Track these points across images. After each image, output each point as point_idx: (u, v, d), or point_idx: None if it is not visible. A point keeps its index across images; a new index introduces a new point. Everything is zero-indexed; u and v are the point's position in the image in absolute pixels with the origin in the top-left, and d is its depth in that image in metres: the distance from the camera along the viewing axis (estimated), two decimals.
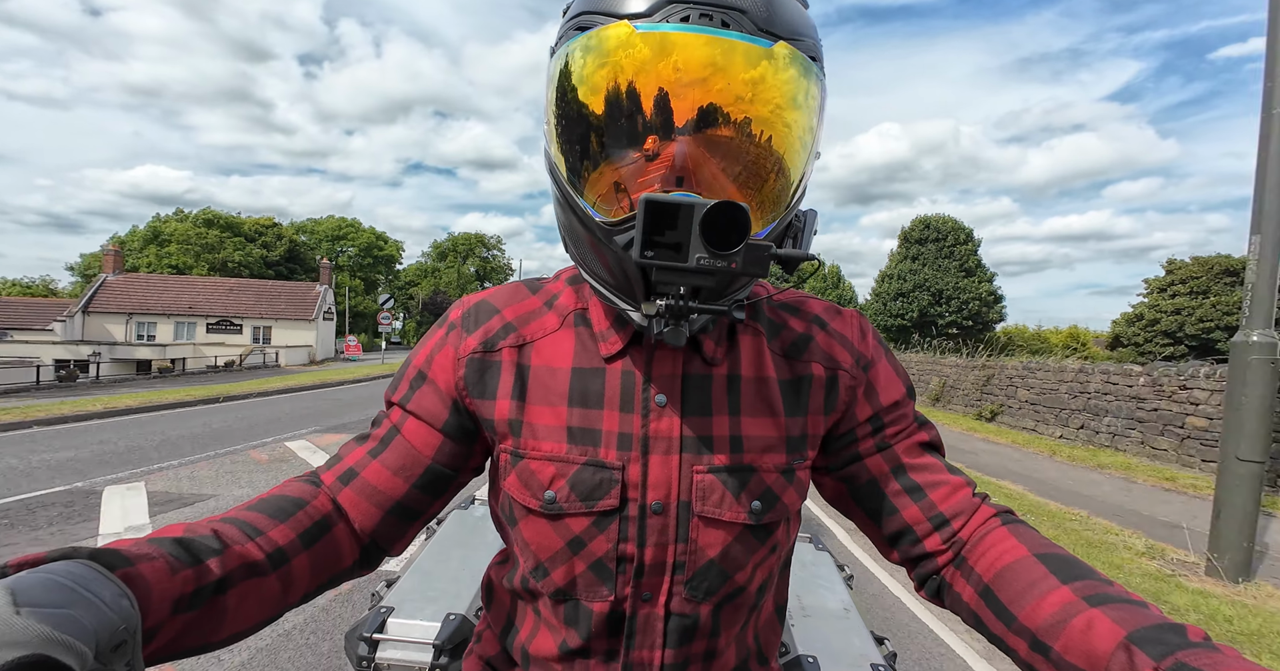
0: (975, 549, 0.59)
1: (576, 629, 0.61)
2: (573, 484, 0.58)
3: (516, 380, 0.60)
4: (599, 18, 0.50)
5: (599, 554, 0.58)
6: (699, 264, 0.44)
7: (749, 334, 0.63)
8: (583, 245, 0.56)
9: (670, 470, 0.58)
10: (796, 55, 0.49)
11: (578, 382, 0.60)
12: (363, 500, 0.60)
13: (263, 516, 0.55)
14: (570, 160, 0.53)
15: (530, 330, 0.62)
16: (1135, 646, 0.43)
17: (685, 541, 0.58)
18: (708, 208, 0.43)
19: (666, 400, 0.59)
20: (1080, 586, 0.50)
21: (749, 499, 0.59)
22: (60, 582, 0.34)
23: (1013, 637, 0.53)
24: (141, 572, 0.41)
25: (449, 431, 0.62)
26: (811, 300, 0.68)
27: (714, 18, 0.47)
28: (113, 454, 6.82)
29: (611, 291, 0.56)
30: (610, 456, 0.58)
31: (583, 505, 0.58)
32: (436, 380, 0.62)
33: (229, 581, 0.48)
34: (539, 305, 0.64)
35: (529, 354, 0.61)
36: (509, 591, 0.67)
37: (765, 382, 0.61)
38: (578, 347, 0.61)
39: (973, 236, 30.20)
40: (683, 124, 0.48)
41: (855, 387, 0.63)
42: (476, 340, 0.62)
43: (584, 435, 0.58)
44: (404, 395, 0.63)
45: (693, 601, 0.60)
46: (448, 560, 1.33)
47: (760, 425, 0.60)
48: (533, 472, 0.59)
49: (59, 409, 9.79)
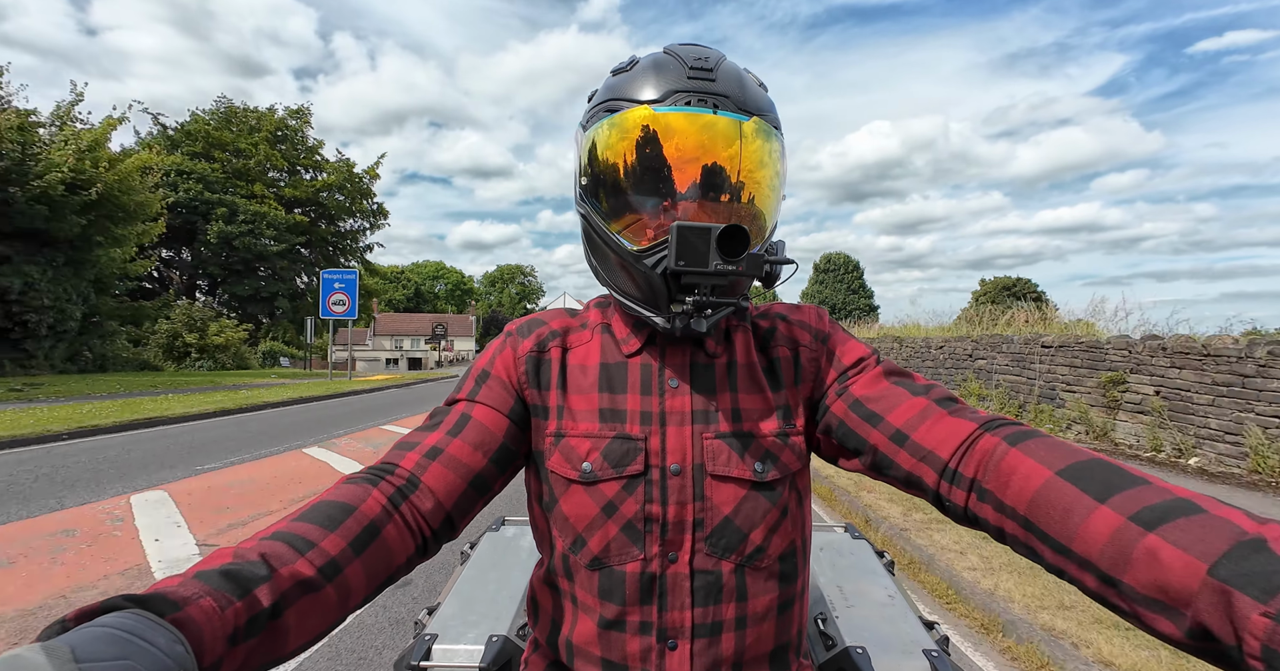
0: (995, 478, 0.57)
1: (611, 599, 0.68)
2: (605, 454, 0.70)
3: (560, 374, 0.75)
4: (624, 103, 0.67)
5: (629, 515, 0.68)
6: (717, 268, 0.60)
7: (740, 332, 0.77)
8: (614, 270, 0.71)
9: (684, 438, 0.70)
10: (764, 126, 0.67)
11: (605, 375, 0.74)
12: (449, 472, 0.68)
13: (314, 526, 0.56)
14: (607, 207, 0.69)
15: (571, 340, 0.78)
16: (1229, 586, 0.40)
17: (702, 499, 0.69)
18: (721, 229, 0.60)
19: (679, 383, 0.72)
20: (1120, 501, 0.48)
21: (752, 459, 0.70)
22: (115, 635, 0.36)
23: (1075, 569, 0.50)
24: (191, 616, 0.43)
25: (514, 417, 0.73)
26: (776, 304, 0.83)
27: (707, 102, 0.65)
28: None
29: (638, 304, 0.70)
30: (634, 430, 0.70)
31: (613, 471, 0.69)
32: (501, 376, 0.75)
33: (283, 603, 0.50)
34: (577, 324, 0.80)
35: (569, 356, 0.76)
36: (550, 586, 0.75)
37: (754, 367, 0.75)
38: (604, 349, 0.76)
39: (859, 266, 49.52)
40: (693, 174, 0.65)
41: (818, 358, 0.76)
42: (532, 342, 0.76)
43: (612, 415, 0.71)
44: (471, 390, 0.74)
45: (713, 557, 0.68)
46: (485, 582, 1.33)
47: (754, 400, 0.73)
48: (572, 448, 0.71)
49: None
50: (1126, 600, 0.47)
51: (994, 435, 0.60)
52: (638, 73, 0.68)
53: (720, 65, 0.67)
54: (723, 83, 0.66)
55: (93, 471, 6.13)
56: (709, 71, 0.66)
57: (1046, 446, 0.56)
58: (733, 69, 0.69)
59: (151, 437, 8.29)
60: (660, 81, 0.66)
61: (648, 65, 0.68)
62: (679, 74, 0.66)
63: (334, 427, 9.68)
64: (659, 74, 0.67)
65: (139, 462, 6.60)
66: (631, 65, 0.70)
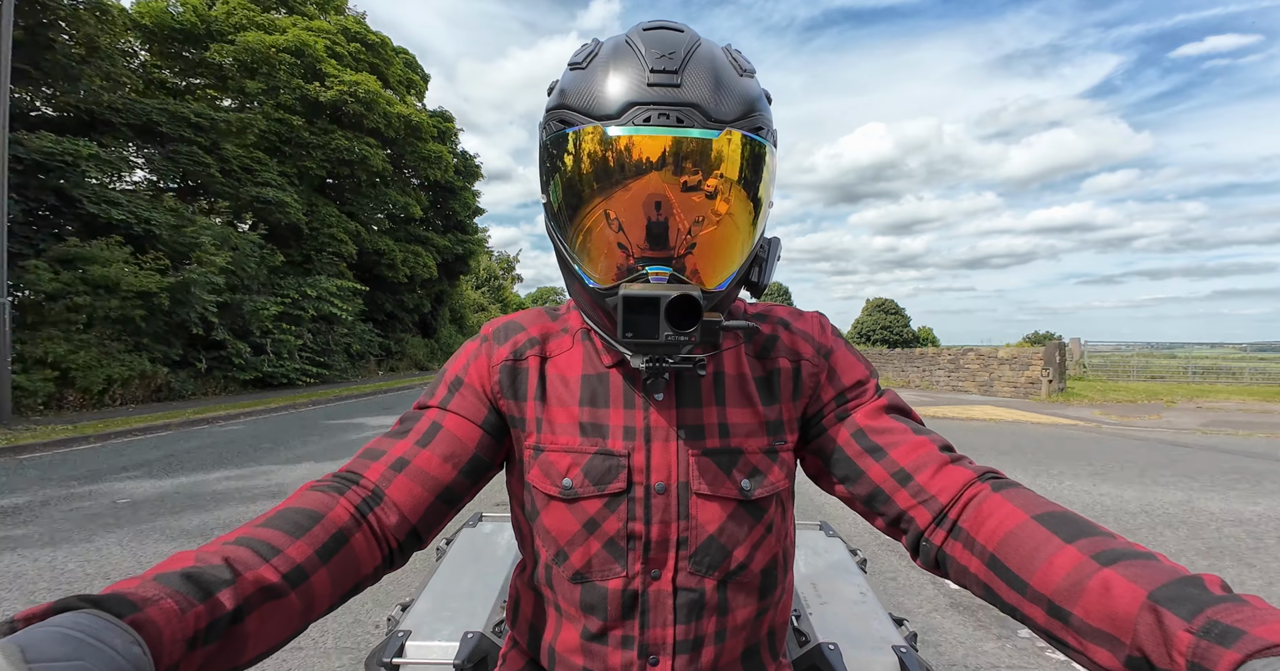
0: (973, 518, 0.59)
1: (595, 613, 0.67)
2: (586, 471, 0.67)
3: (539, 385, 0.70)
4: (577, 116, 0.59)
5: (611, 533, 0.66)
6: (666, 339, 0.56)
7: (729, 340, 0.73)
8: (582, 300, 0.66)
9: (670, 455, 0.67)
10: (738, 138, 0.58)
11: (586, 386, 0.70)
12: (416, 485, 0.65)
13: (279, 533, 0.55)
14: (565, 234, 0.63)
15: (550, 347, 0.73)
16: (1161, 606, 0.43)
17: (686, 518, 0.67)
18: (669, 299, 0.55)
19: (663, 396, 0.68)
20: (1086, 544, 0.51)
21: (739, 476, 0.68)
22: (68, 634, 0.34)
23: (1028, 605, 0.53)
24: (150, 617, 0.41)
25: (487, 427, 0.70)
26: (777, 308, 0.78)
27: (670, 116, 0.56)
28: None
29: (610, 338, 0.66)
30: (617, 446, 0.67)
31: (595, 489, 0.66)
32: (474, 384, 0.71)
33: (245, 609, 0.48)
34: (557, 329, 0.74)
35: (548, 366, 0.72)
36: (533, 591, 0.73)
37: (744, 379, 0.71)
38: (585, 359, 0.71)
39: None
40: (652, 206, 0.58)
41: (818, 374, 0.72)
42: (507, 350, 0.72)
43: (594, 429, 0.68)
44: (443, 398, 0.71)
45: (696, 575, 0.67)
46: (461, 579, 1.32)
47: (742, 414, 0.69)
48: (551, 463, 0.68)
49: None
50: (1073, 632, 0.49)
51: (983, 483, 0.62)
52: (594, 71, 0.60)
53: (689, 60, 0.58)
54: (690, 87, 0.57)
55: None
56: (673, 74, 0.57)
57: (1027, 496, 0.59)
58: (705, 62, 0.59)
59: None
60: (617, 87, 0.57)
61: (605, 61, 0.59)
62: (638, 77, 0.57)
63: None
64: (616, 75, 0.58)
65: None
66: (588, 60, 0.61)
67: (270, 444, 7.55)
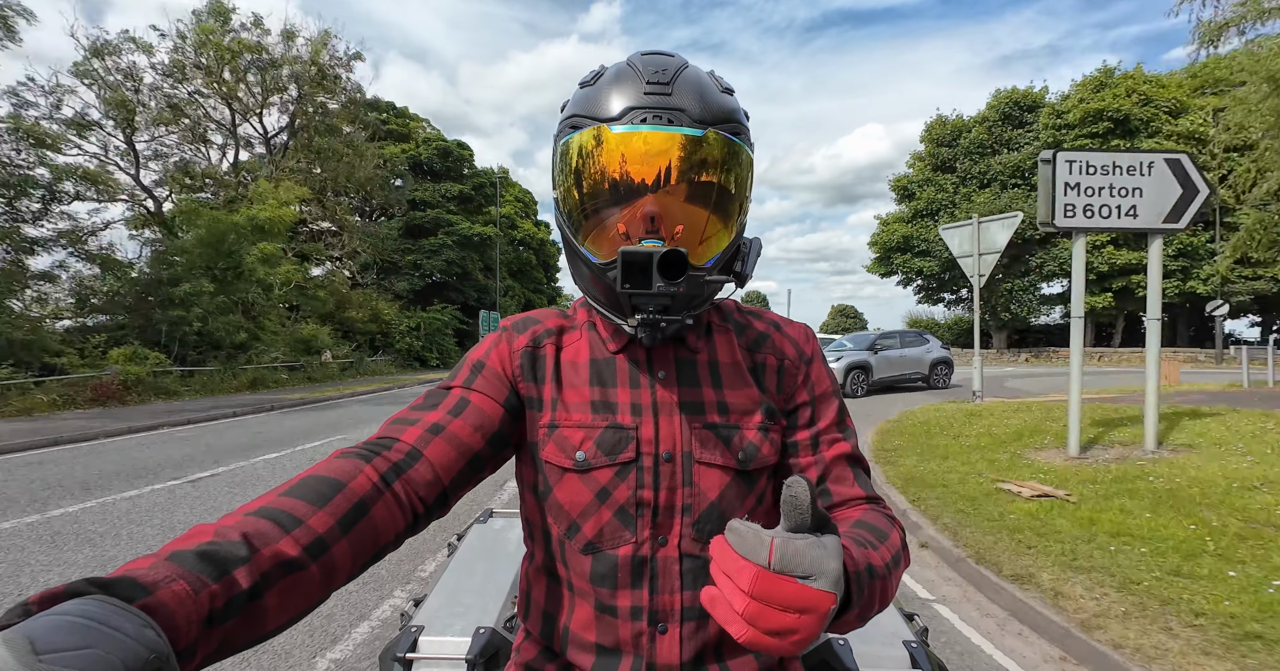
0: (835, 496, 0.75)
1: (605, 583, 0.72)
2: (598, 443, 0.73)
3: (555, 370, 0.78)
4: (585, 120, 0.70)
5: (621, 501, 0.72)
6: (658, 289, 0.64)
7: (722, 332, 0.82)
8: (586, 279, 0.76)
9: (675, 427, 0.74)
10: (720, 138, 0.69)
11: (595, 369, 0.77)
12: (451, 449, 0.70)
13: (301, 502, 0.56)
14: (574, 220, 0.73)
15: (564, 339, 0.81)
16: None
17: (690, 485, 0.73)
18: (660, 254, 0.63)
19: (666, 375, 0.76)
20: (855, 534, 0.63)
21: (736, 449, 0.75)
22: (77, 623, 0.34)
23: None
24: (162, 600, 0.41)
25: (508, 407, 0.75)
26: (768, 312, 0.88)
27: (663, 117, 0.67)
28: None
29: (608, 310, 0.76)
30: (626, 419, 0.74)
31: (606, 458, 0.72)
32: (496, 368, 0.77)
33: (264, 585, 0.49)
34: (569, 324, 0.83)
35: (562, 354, 0.80)
36: (545, 575, 0.77)
37: (738, 366, 0.79)
38: (592, 346, 0.80)
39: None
40: (648, 189, 0.68)
41: (797, 375, 0.81)
42: (527, 338, 0.79)
43: (604, 406, 0.75)
44: (466, 379, 0.76)
45: (700, 541, 0.72)
46: (472, 575, 1.33)
47: (739, 395, 0.77)
48: (566, 438, 0.74)
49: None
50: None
51: (868, 503, 0.74)
52: (600, 87, 0.71)
53: (679, 77, 0.70)
54: (679, 95, 0.68)
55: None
56: (665, 85, 0.68)
57: (874, 517, 0.70)
58: (692, 78, 0.70)
59: None
60: (619, 97, 0.69)
61: (610, 79, 0.71)
62: (636, 89, 0.68)
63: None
64: (618, 89, 0.69)
65: None
66: (595, 79, 0.73)
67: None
